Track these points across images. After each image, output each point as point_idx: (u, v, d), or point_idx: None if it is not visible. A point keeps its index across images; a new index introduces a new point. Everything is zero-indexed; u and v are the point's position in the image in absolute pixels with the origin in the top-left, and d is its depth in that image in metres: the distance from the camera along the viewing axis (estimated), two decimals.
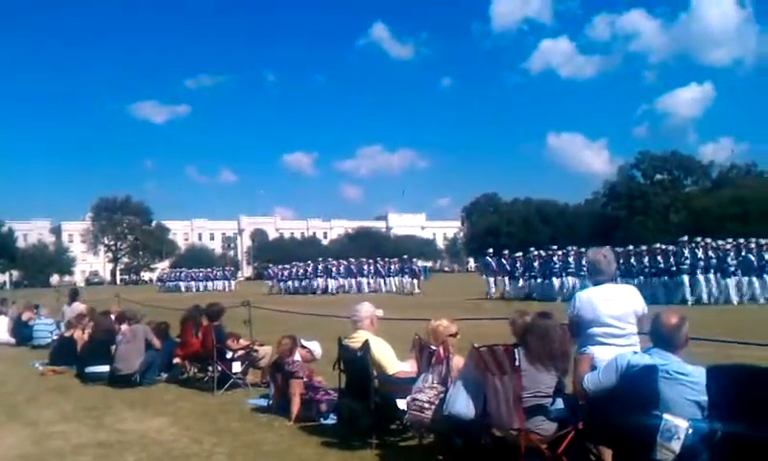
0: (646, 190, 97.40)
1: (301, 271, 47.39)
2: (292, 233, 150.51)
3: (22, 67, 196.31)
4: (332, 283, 43.81)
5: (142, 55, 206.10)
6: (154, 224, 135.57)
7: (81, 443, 7.50)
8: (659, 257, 25.65)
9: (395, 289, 41.07)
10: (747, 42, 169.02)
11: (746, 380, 4.01)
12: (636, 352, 4.92)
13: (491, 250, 35.76)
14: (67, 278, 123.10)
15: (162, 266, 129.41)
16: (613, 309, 5.55)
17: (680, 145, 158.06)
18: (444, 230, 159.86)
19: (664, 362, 4.50)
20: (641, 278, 25.32)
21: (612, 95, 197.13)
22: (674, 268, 24.78)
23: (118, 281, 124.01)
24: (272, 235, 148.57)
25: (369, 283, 43.46)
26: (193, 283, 63.47)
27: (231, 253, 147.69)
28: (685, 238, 25.78)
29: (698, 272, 24.11)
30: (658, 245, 26.70)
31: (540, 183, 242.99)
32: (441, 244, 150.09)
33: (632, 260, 26.31)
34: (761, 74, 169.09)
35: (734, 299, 23.47)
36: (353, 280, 43.85)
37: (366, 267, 44.93)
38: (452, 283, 48.12)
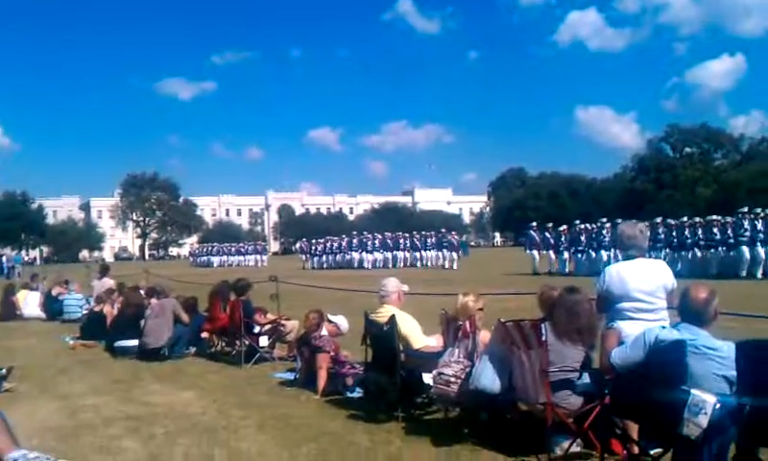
0: (675, 164, 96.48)
1: (336, 245, 47.09)
2: (318, 209, 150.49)
3: (50, 46, 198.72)
4: (368, 258, 43.27)
5: (168, 32, 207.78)
6: (181, 200, 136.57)
7: (111, 415, 7.60)
8: (714, 229, 24.84)
9: (430, 264, 40.34)
10: None
11: None
12: (664, 327, 4.87)
13: (534, 223, 33.92)
14: (96, 253, 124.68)
15: (191, 241, 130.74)
16: (644, 284, 5.50)
17: (710, 118, 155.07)
18: (471, 204, 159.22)
19: (693, 337, 4.46)
20: (695, 249, 25.07)
21: (642, 68, 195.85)
22: (731, 240, 24.04)
23: (147, 257, 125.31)
24: (298, 211, 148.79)
25: (405, 258, 42.98)
26: (225, 258, 62.83)
27: (258, 228, 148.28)
28: (745, 209, 24.75)
29: (758, 244, 23.32)
30: (715, 217, 25.80)
31: (568, 158, 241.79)
32: (467, 219, 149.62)
33: (685, 233, 25.69)
34: None
35: None
36: (389, 254, 43.26)
37: (402, 241, 44.25)
38: (488, 258, 46.83)
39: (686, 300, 4.66)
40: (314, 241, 51.36)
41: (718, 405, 4.11)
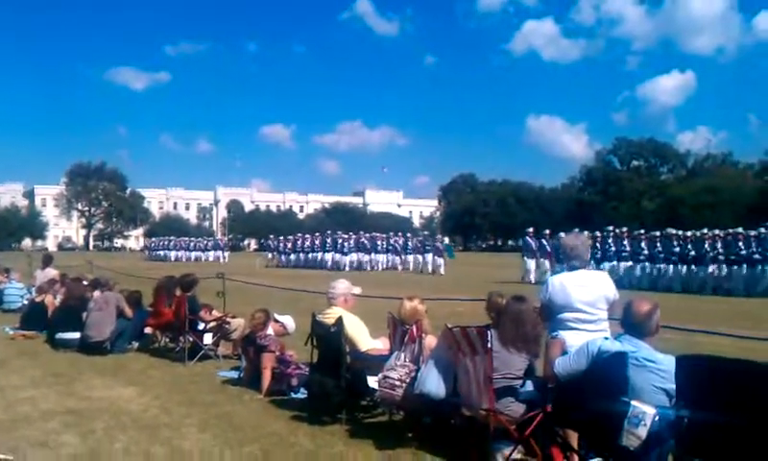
0: (621, 176, 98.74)
1: (308, 244, 45.24)
2: (268, 206, 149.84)
3: None
4: (345, 259, 41.03)
5: (122, 20, 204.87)
6: (128, 191, 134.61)
7: (49, 409, 7.45)
8: (740, 243, 23.55)
9: (411, 268, 39.58)
10: (730, 31, 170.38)
11: (713, 371, 4.06)
12: (607, 339, 4.96)
13: (531, 229, 31.95)
14: (39, 242, 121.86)
15: (136, 233, 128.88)
16: (586, 295, 5.57)
17: (658, 133, 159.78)
18: (421, 208, 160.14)
19: (634, 349, 4.55)
20: (714, 265, 23.94)
21: (594, 80, 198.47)
22: (757, 256, 22.92)
23: (91, 248, 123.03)
24: (248, 207, 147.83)
25: (387, 260, 41.91)
26: (183, 253, 60.46)
27: (207, 223, 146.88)
28: None
29: None
30: (740, 229, 24.34)
31: (519, 166, 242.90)
32: (417, 222, 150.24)
33: (705, 246, 24.37)
34: (742, 64, 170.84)
35: None
36: (366, 257, 41.72)
37: (380, 243, 43.03)
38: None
39: (629, 312, 4.75)
40: (282, 238, 50.17)
41: (657, 417, 4.19)
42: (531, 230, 31.88)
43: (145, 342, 11.37)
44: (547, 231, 30.82)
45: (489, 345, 5.40)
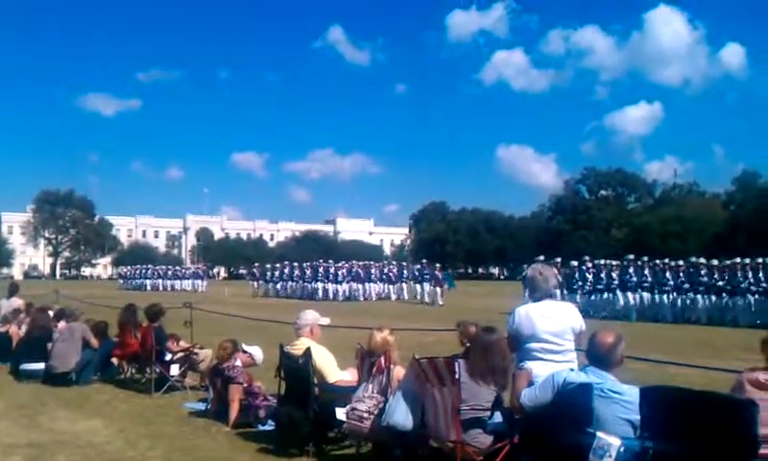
0: (590, 205, 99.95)
1: (297, 272, 43.02)
2: (238, 234, 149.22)
3: None
4: (337, 289, 39.21)
5: (95, 45, 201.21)
6: (97, 218, 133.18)
7: (11, 442, 7.32)
8: (760, 274, 22.50)
9: (406, 297, 38.94)
10: (697, 63, 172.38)
11: (677, 402, 4.10)
12: (572, 370, 5.00)
13: (541, 257, 28.15)
14: (5, 270, 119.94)
15: (104, 262, 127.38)
16: (551, 326, 5.59)
17: (626, 162, 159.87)
18: (392, 236, 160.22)
19: (599, 380, 4.59)
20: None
21: (563, 110, 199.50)
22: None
23: (58, 276, 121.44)
24: (218, 235, 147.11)
25: (383, 289, 40.49)
26: (160, 281, 58.58)
27: (176, 251, 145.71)
28: None
29: None
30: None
31: (489, 194, 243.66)
32: (387, 250, 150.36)
33: (738, 275, 22.91)
34: (708, 95, 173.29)
35: None
36: (360, 286, 39.92)
37: (374, 272, 41.27)
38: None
39: (593, 344, 4.80)
40: (268, 266, 48.45)
41: (623, 448, 4.23)
42: (541, 258, 27.87)
43: (111, 373, 11.21)
44: (558, 260, 29.08)
45: (456, 376, 5.41)
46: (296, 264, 44.69)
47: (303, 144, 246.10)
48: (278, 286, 44.01)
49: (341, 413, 6.56)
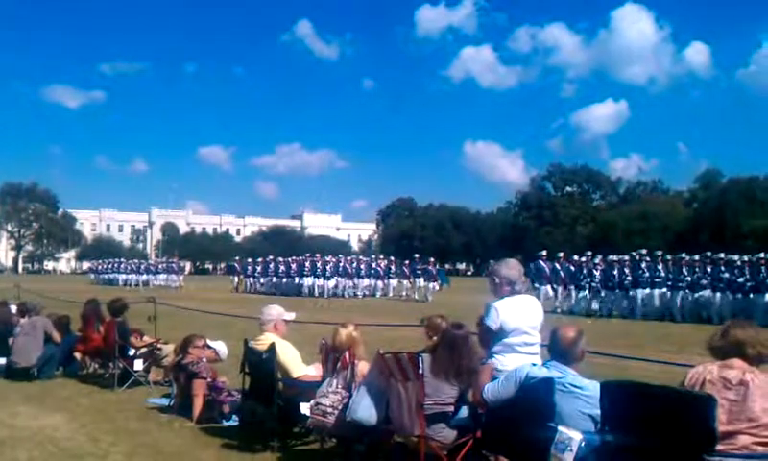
0: (555, 202, 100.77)
1: (282, 268, 41.11)
2: (204, 228, 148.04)
3: None
4: (325, 285, 37.35)
5: (58, 36, 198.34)
6: (60, 212, 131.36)
7: None
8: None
9: (391, 293, 38.02)
10: (662, 62, 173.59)
11: (636, 397, 4.15)
12: (534, 364, 5.03)
13: (544, 252, 28.14)
14: None
15: (67, 256, 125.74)
16: (531, 319, 5.58)
17: (592, 159, 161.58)
18: (360, 232, 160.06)
19: (561, 375, 4.64)
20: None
21: (530, 107, 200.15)
22: None
23: (20, 270, 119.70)
24: (183, 229, 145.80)
25: (372, 285, 38.82)
26: (133, 276, 54.06)
27: (140, 245, 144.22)
28: None
29: None
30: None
31: (456, 190, 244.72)
32: (355, 246, 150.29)
33: (762, 271, 21.44)
34: (673, 94, 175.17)
35: None
36: (348, 281, 38.22)
37: (363, 267, 39.51)
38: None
39: (555, 338, 4.84)
40: (250, 260, 46.31)
41: (583, 443, 4.27)
42: (544, 253, 28.14)
43: (73, 368, 11.08)
44: (561, 254, 28.13)
45: (420, 371, 5.43)
46: (280, 259, 43.01)
47: (270, 138, 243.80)
48: (262, 281, 42.57)
49: (305, 408, 6.55)
